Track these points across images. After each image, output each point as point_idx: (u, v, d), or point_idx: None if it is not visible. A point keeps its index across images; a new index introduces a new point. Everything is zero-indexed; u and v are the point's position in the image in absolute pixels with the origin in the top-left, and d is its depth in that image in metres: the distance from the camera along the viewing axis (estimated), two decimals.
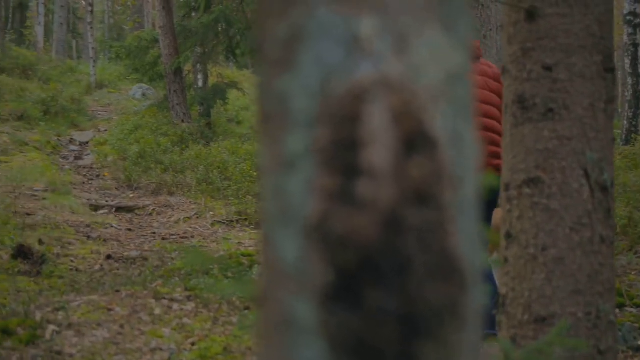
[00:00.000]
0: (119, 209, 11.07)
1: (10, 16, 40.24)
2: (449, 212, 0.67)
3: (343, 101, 0.66)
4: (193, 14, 16.42)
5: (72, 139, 16.86)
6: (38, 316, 4.39)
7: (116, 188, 12.72)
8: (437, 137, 0.67)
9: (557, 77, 2.73)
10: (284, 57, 0.69)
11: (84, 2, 38.63)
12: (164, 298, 5.11)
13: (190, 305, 5.04)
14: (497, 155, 4.51)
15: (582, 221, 2.73)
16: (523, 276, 2.81)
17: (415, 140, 0.66)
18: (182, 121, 15.56)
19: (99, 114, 20.50)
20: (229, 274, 5.97)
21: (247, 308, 5.05)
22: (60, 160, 14.72)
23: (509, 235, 2.87)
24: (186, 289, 5.41)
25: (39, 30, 32.48)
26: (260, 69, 0.72)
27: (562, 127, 2.73)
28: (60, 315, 4.54)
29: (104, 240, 8.55)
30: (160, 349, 4.35)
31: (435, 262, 0.67)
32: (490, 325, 4.37)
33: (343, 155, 0.66)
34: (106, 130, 17.41)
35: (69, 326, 4.39)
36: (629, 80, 17.41)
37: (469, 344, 0.70)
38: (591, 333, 2.70)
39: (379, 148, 0.65)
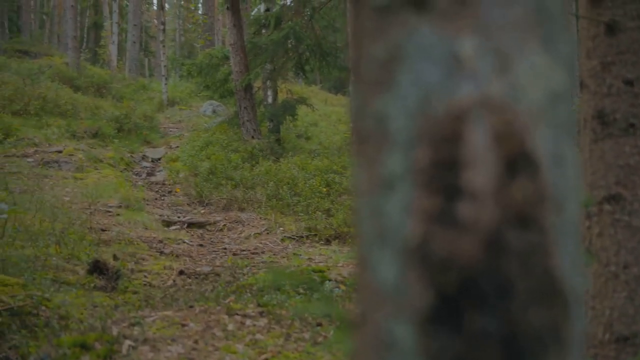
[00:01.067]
0: (191, 225, 11.20)
1: (85, 36, 41.30)
2: (552, 235, 0.66)
3: (443, 121, 0.65)
4: (263, 31, 16.58)
5: (144, 155, 17.16)
6: (115, 331, 4.46)
7: (187, 204, 12.88)
8: (539, 158, 0.66)
9: (638, 91, 2.67)
10: (381, 78, 0.68)
11: (155, 21, 39.39)
12: (237, 314, 5.14)
13: (262, 321, 5.06)
14: None
15: None
16: (604, 294, 2.75)
17: (517, 161, 0.65)
18: (252, 137, 15.69)
19: (171, 131, 20.84)
20: (300, 290, 5.98)
21: (319, 324, 5.04)
22: (133, 176, 14.99)
23: (588, 253, 2.81)
24: (258, 305, 5.44)
25: (113, 49, 33.26)
26: (355, 90, 0.72)
27: None
28: (136, 330, 4.60)
29: (176, 256, 8.66)
30: None
31: (538, 284, 0.65)
32: None
33: (443, 176, 0.65)
34: (177, 147, 17.67)
35: (145, 341, 4.45)
36: None
37: None
38: None
39: (480, 169, 0.64)
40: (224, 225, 11.15)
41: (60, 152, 14.69)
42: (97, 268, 6.69)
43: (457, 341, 0.64)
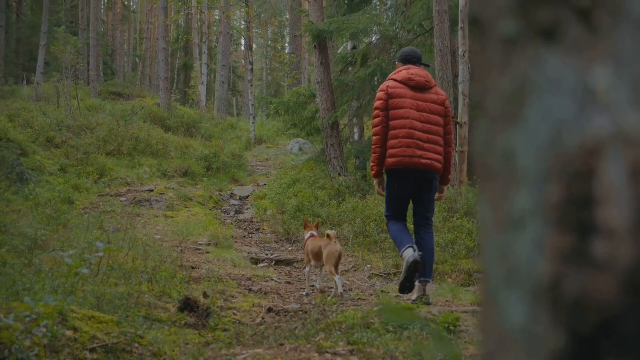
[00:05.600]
0: (278, 262, 11.26)
1: (176, 77, 42.34)
2: None
3: (576, 157, 0.62)
4: (350, 69, 16.68)
5: (232, 193, 17.39)
6: None
7: (275, 241, 12.96)
8: None
9: None
10: (508, 112, 0.66)
11: (243, 61, 40.06)
12: (327, 352, 5.11)
13: None
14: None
15: None
16: None
17: None
18: (339, 174, 15.73)
19: (258, 169, 21.09)
20: (390, 328, 5.91)
21: None
22: (222, 214, 15.18)
23: None
24: (349, 343, 5.39)
25: (202, 90, 33.96)
26: (481, 125, 0.70)
27: None
28: None
29: (265, 293, 8.69)
30: None
31: None
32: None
33: (577, 213, 0.62)
34: (265, 185, 17.86)
35: None
36: None
37: None
38: None
39: (616, 205, 0.61)
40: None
41: (151, 191, 15.01)
42: (188, 305, 6.75)
43: None
